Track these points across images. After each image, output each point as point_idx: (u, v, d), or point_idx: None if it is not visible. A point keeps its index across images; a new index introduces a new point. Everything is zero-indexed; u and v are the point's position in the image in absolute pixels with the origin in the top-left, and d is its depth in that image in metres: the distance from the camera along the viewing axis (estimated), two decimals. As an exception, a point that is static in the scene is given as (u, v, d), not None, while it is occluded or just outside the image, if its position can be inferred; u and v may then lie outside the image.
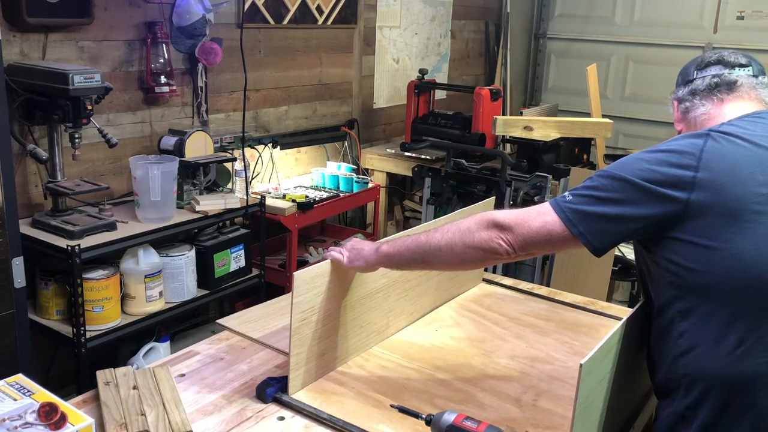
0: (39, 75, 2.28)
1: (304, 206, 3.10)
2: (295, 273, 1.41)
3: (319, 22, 3.61)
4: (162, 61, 2.81)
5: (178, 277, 2.57)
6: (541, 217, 1.29)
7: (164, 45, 2.81)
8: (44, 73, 2.27)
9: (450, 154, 3.52)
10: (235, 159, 2.90)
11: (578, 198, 1.27)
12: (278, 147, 3.42)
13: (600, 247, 1.27)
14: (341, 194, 3.42)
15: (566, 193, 1.30)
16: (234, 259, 2.82)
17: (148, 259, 2.44)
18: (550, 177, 3.34)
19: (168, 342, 2.68)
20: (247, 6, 3.18)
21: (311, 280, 1.44)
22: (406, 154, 3.85)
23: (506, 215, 1.32)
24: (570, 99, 5.13)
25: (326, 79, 3.76)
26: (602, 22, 5.12)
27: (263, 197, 2.91)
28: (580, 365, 1.09)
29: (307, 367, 1.48)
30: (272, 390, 1.44)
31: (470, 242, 1.33)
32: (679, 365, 1.25)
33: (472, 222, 1.35)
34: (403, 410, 1.37)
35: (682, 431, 1.25)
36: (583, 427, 1.19)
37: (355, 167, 3.80)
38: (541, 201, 3.33)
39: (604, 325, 1.87)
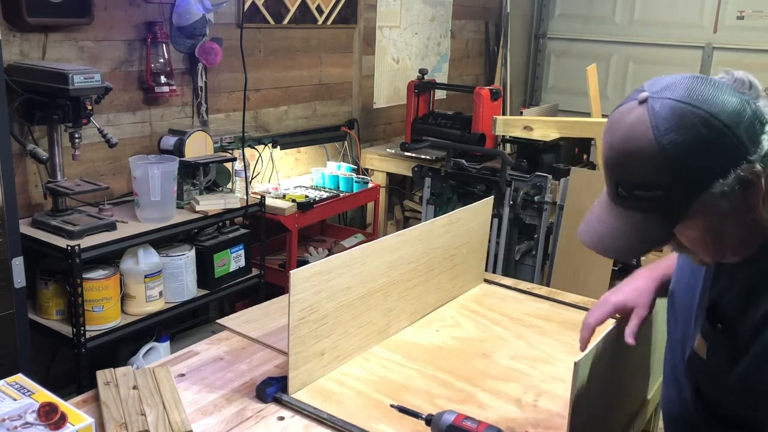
0: (39, 75, 2.28)
1: (304, 206, 3.10)
2: (291, 271, 1.39)
3: (319, 22, 3.61)
4: (162, 61, 2.81)
5: (178, 277, 2.57)
6: None
7: (164, 45, 2.81)
8: (44, 73, 2.27)
9: (450, 154, 3.52)
10: (235, 159, 2.90)
11: None
12: (278, 147, 3.42)
13: None
14: (341, 194, 3.42)
15: None
16: (234, 259, 2.82)
17: (148, 259, 2.44)
18: (550, 177, 3.33)
19: (168, 342, 2.68)
20: (247, 6, 3.18)
21: (308, 279, 1.44)
22: (406, 154, 3.85)
23: None
24: (570, 99, 5.13)
25: (326, 79, 3.76)
26: (602, 22, 5.12)
27: (263, 197, 2.91)
28: (575, 363, 1.09)
29: (306, 367, 1.48)
30: (272, 390, 1.43)
31: None
32: None
33: None
34: (403, 410, 1.37)
35: None
36: (580, 427, 1.19)
37: (355, 167, 3.80)
38: (542, 201, 3.35)
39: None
